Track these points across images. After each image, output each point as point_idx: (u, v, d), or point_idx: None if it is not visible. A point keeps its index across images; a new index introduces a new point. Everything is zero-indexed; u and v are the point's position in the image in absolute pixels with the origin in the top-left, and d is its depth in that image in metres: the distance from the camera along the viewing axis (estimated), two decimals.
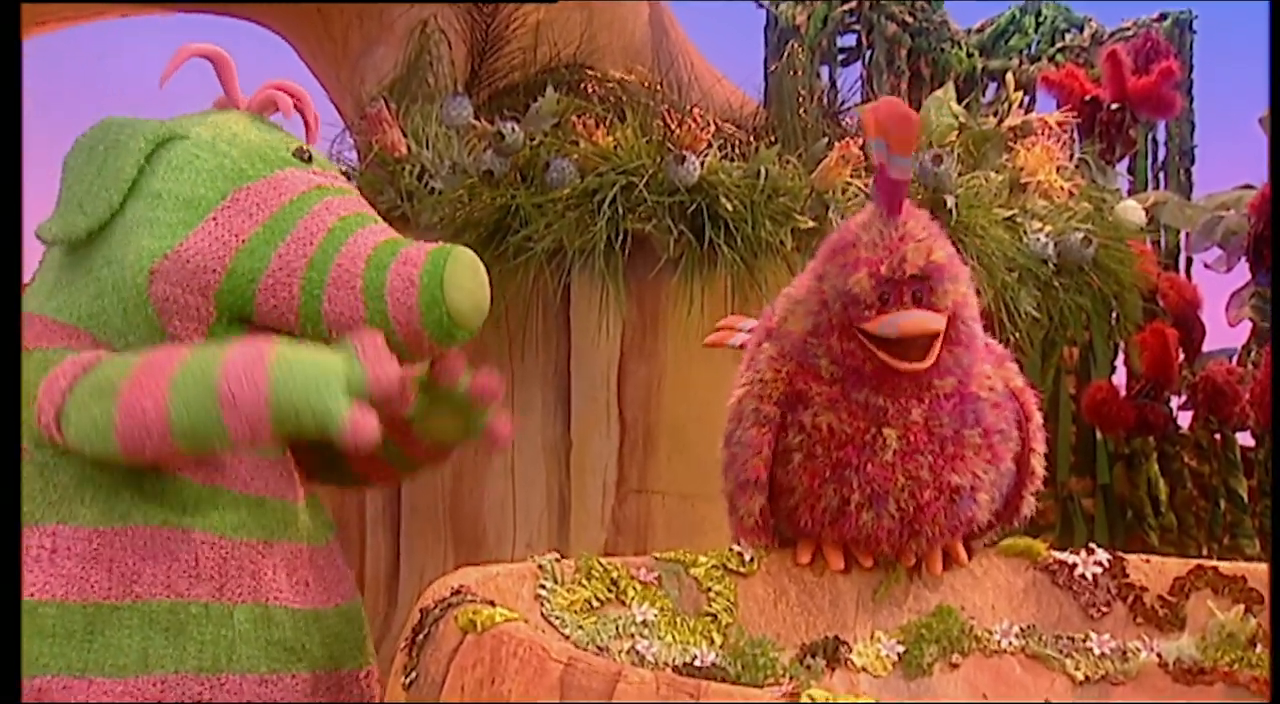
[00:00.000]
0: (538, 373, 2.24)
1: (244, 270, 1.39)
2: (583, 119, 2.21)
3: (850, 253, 1.38)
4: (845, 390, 1.40)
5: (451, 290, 1.39)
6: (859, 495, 1.41)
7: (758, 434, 1.43)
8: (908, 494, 1.41)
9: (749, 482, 1.44)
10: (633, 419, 2.24)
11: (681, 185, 2.11)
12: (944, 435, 1.41)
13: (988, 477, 1.44)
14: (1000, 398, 1.46)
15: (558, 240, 2.13)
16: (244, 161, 1.44)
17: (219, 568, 1.37)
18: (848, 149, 2.14)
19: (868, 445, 1.40)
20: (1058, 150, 2.40)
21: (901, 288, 1.36)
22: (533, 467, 2.23)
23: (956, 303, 1.37)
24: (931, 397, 1.41)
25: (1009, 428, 1.47)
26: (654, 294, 2.22)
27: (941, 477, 1.42)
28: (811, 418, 1.42)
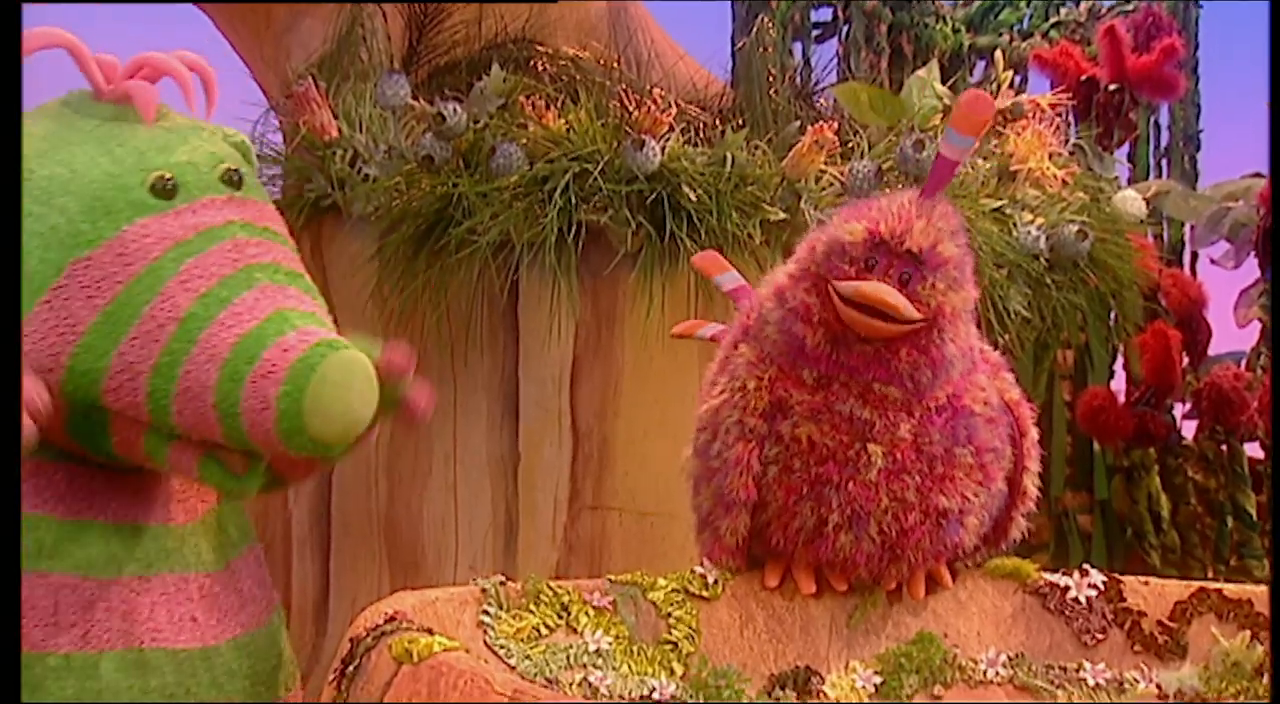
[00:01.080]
0: (482, 378, 2.24)
1: (83, 369, 1.29)
2: (532, 100, 2.21)
3: (863, 210, 1.41)
4: (828, 400, 1.41)
5: (313, 418, 1.27)
6: (838, 516, 1.42)
7: (743, 449, 1.44)
8: (891, 517, 1.42)
9: (736, 501, 1.45)
10: (587, 429, 2.24)
11: (640, 173, 2.12)
12: (933, 454, 1.42)
13: (978, 499, 1.46)
14: (994, 412, 1.47)
15: (504, 233, 2.13)
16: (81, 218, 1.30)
17: (83, 613, 1.32)
18: (822, 133, 2.15)
19: (850, 462, 1.41)
20: (1051, 135, 2.42)
21: (892, 260, 1.38)
22: (477, 481, 2.23)
23: (942, 311, 1.38)
24: (922, 411, 1.42)
25: (1003, 445, 1.48)
26: (610, 292, 2.22)
27: (929, 499, 1.43)
28: (791, 429, 1.43)
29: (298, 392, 1.27)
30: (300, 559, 2.34)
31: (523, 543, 2.22)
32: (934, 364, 1.40)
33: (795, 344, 1.41)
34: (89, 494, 1.35)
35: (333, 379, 1.28)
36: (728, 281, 1.76)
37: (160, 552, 1.38)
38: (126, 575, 1.36)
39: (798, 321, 1.41)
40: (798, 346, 1.41)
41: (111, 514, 1.36)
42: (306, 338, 1.30)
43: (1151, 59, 2.91)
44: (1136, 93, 2.95)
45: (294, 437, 1.28)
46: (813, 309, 1.40)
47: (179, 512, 1.42)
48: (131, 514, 1.37)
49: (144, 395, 1.29)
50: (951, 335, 1.40)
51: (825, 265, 1.39)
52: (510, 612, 1.38)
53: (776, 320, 1.43)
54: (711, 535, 1.49)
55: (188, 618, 1.37)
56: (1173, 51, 2.92)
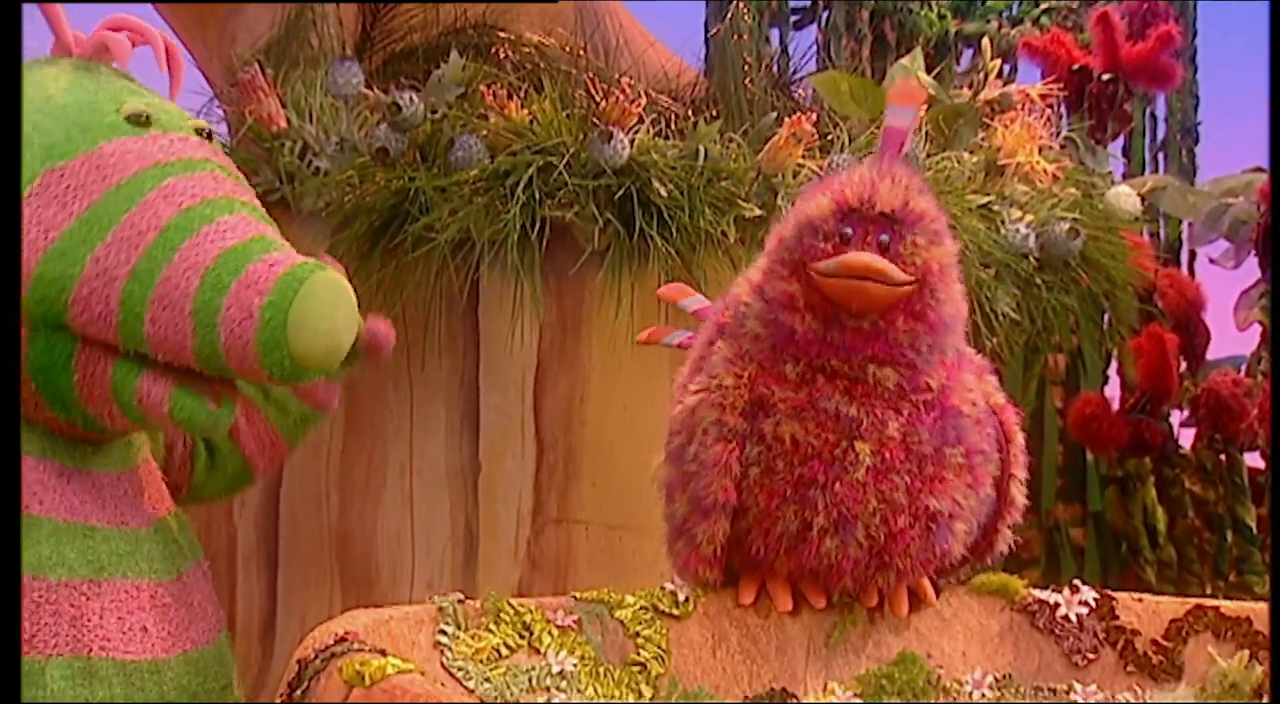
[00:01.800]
0: (440, 384, 2.24)
1: (52, 276, 1.31)
2: (493, 89, 2.21)
3: (822, 186, 1.42)
4: (812, 397, 1.42)
5: (298, 332, 1.29)
6: (824, 519, 1.43)
7: (722, 450, 1.44)
8: (879, 519, 1.43)
9: (715, 505, 1.45)
10: (552, 438, 2.25)
11: (608, 167, 2.12)
12: (923, 453, 1.43)
13: (967, 503, 1.47)
14: (981, 414, 1.49)
15: (464, 230, 2.13)
16: (57, 132, 1.35)
17: (30, 615, 1.32)
18: (800, 125, 2.15)
19: (837, 461, 1.42)
20: (1041, 128, 2.43)
21: (867, 227, 1.39)
22: (434, 493, 2.23)
23: (929, 269, 1.39)
24: (910, 408, 1.43)
25: (990, 449, 1.49)
26: (576, 292, 2.22)
27: (918, 500, 1.43)
28: (773, 427, 1.43)
29: (284, 302, 1.29)
30: (246, 576, 2.34)
31: (483, 559, 2.22)
32: (932, 328, 1.41)
33: (784, 334, 1.42)
34: (39, 489, 1.35)
35: (320, 296, 1.31)
36: (693, 304, 1.78)
37: (112, 555, 1.38)
38: (76, 578, 1.36)
39: (783, 311, 1.42)
40: (786, 336, 1.42)
41: (62, 512, 1.36)
42: (293, 257, 1.33)
43: (1147, 47, 2.93)
44: (1131, 83, 2.97)
45: (272, 351, 1.29)
46: (796, 296, 1.41)
47: (133, 515, 1.42)
48: (83, 513, 1.37)
49: (116, 302, 1.30)
50: (944, 294, 1.42)
51: (799, 249, 1.40)
52: (469, 631, 1.38)
53: (759, 313, 1.44)
54: (687, 544, 1.49)
55: (138, 627, 1.38)
56: (1169, 39, 2.94)
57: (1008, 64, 3.18)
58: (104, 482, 1.40)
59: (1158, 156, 3.41)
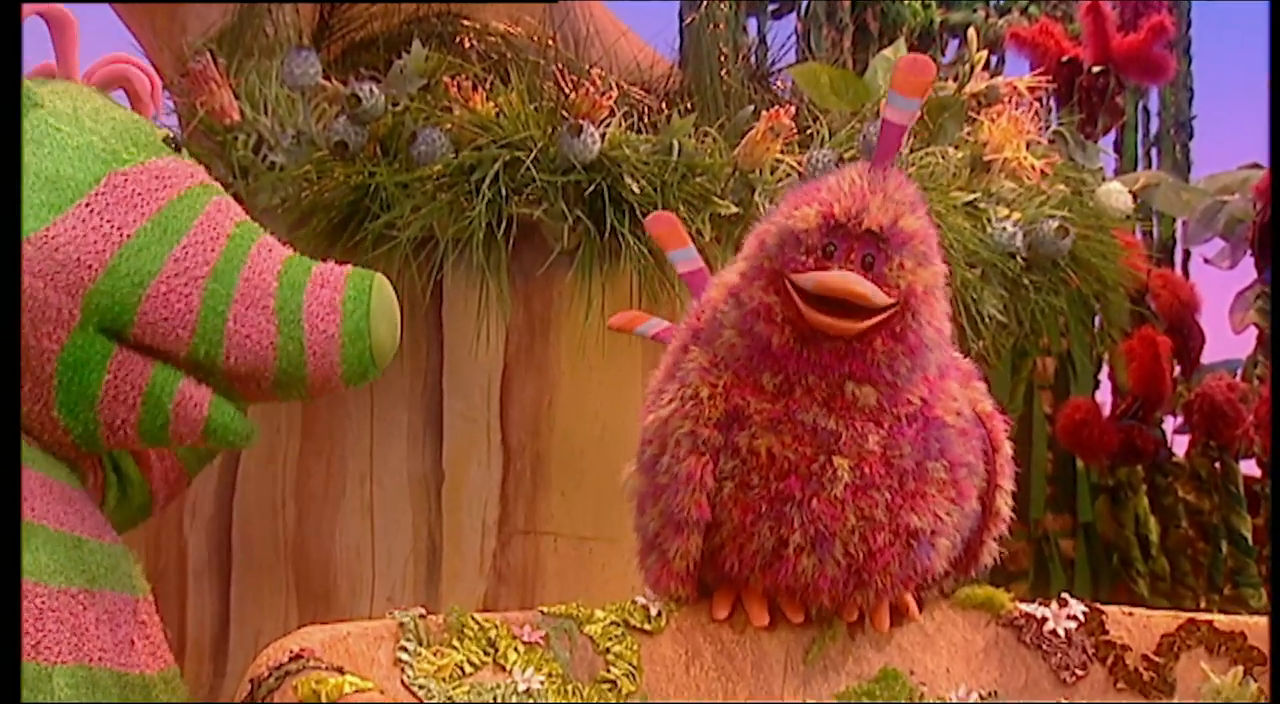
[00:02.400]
0: (402, 389, 2.24)
1: (129, 271, 1.42)
2: (457, 80, 2.21)
3: (810, 193, 1.42)
4: (790, 409, 1.42)
5: (378, 321, 1.50)
6: (800, 536, 1.43)
7: (696, 463, 1.45)
8: (858, 537, 1.43)
9: (687, 521, 1.46)
10: (519, 445, 2.25)
11: (578, 162, 2.13)
12: (904, 468, 1.44)
13: (950, 519, 1.47)
14: (967, 424, 1.49)
15: (426, 227, 2.13)
16: (116, 142, 1.48)
17: (34, 621, 1.37)
18: (778, 119, 2.16)
19: (814, 476, 1.42)
20: (1029, 122, 2.44)
21: (852, 243, 1.39)
22: (396, 504, 2.23)
23: (913, 291, 1.40)
24: (891, 421, 1.43)
25: (976, 460, 1.50)
26: (544, 293, 2.23)
27: (899, 517, 1.44)
28: (749, 440, 1.43)
29: (362, 295, 1.50)
30: (197, 591, 2.33)
31: (447, 572, 2.22)
32: (911, 351, 1.42)
33: (759, 345, 1.42)
34: (30, 496, 1.39)
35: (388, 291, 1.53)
36: (683, 261, 1.76)
37: (100, 567, 1.44)
38: (74, 586, 1.42)
39: (759, 321, 1.42)
40: (762, 348, 1.42)
41: (52, 521, 1.43)
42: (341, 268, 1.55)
43: (1139, 38, 2.94)
44: (1123, 75, 2.98)
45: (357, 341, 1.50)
46: (774, 308, 1.41)
47: (107, 531, 1.50)
48: (71, 524, 1.44)
49: (199, 299, 1.45)
50: (927, 316, 1.42)
51: (779, 258, 1.40)
52: (431, 648, 1.38)
53: (734, 322, 1.44)
54: (658, 560, 1.49)
55: (127, 641, 1.43)
56: (1162, 30, 2.95)
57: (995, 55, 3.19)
58: (78, 497, 1.45)
59: (1150, 152, 3.42)
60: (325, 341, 1.49)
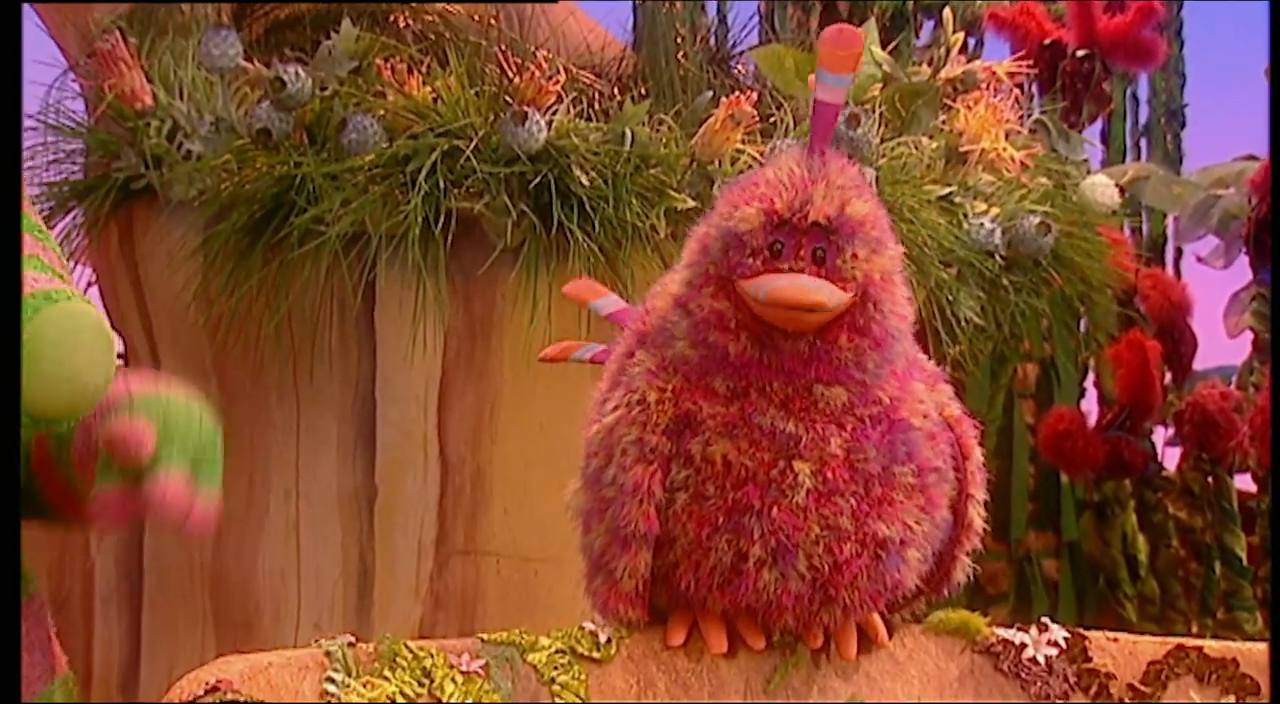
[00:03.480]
0: (331, 398, 2.24)
1: None
2: (391, 63, 2.21)
3: (749, 190, 1.42)
4: (745, 412, 1.43)
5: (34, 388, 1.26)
6: (760, 548, 1.44)
7: (643, 473, 1.45)
8: (823, 548, 1.44)
9: (634, 535, 1.46)
10: (458, 458, 2.25)
11: (522, 152, 2.13)
12: (869, 472, 1.44)
13: (920, 528, 1.48)
14: (935, 428, 1.50)
15: (358, 223, 2.13)
16: None
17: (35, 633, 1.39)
18: (738, 106, 2.17)
19: (774, 483, 1.43)
20: (1009, 110, 2.46)
21: (800, 239, 1.39)
22: (324, 522, 2.23)
23: (870, 280, 1.41)
24: (854, 423, 1.44)
25: (945, 466, 1.51)
26: (486, 294, 2.23)
27: (865, 526, 1.44)
28: (702, 448, 1.44)
29: None
30: (105, 618, 2.33)
31: (379, 595, 2.22)
32: (878, 343, 1.42)
33: (716, 355, 1.43)
34: None
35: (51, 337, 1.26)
36: (606, 306, 1.78)
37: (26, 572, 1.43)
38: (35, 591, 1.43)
39: (712, 330, 1.43)
40: (719, 357, 1.43)
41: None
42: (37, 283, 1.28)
43: (1127, 20, 2.96)
44: (1109, 60, 3.00)
45: None
46: (726, 315, 1.42)
47: None
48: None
49: None
50: (889, 305, 1.42)
51: (725, 264, 1.41)
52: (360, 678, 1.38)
53: (685, 332, 1.45)
54: (605, 580, 1.50)
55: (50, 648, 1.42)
56: (1152, 11, 2.97)
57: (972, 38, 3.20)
58: None
59: (1139, 143, 3.45)
60: None
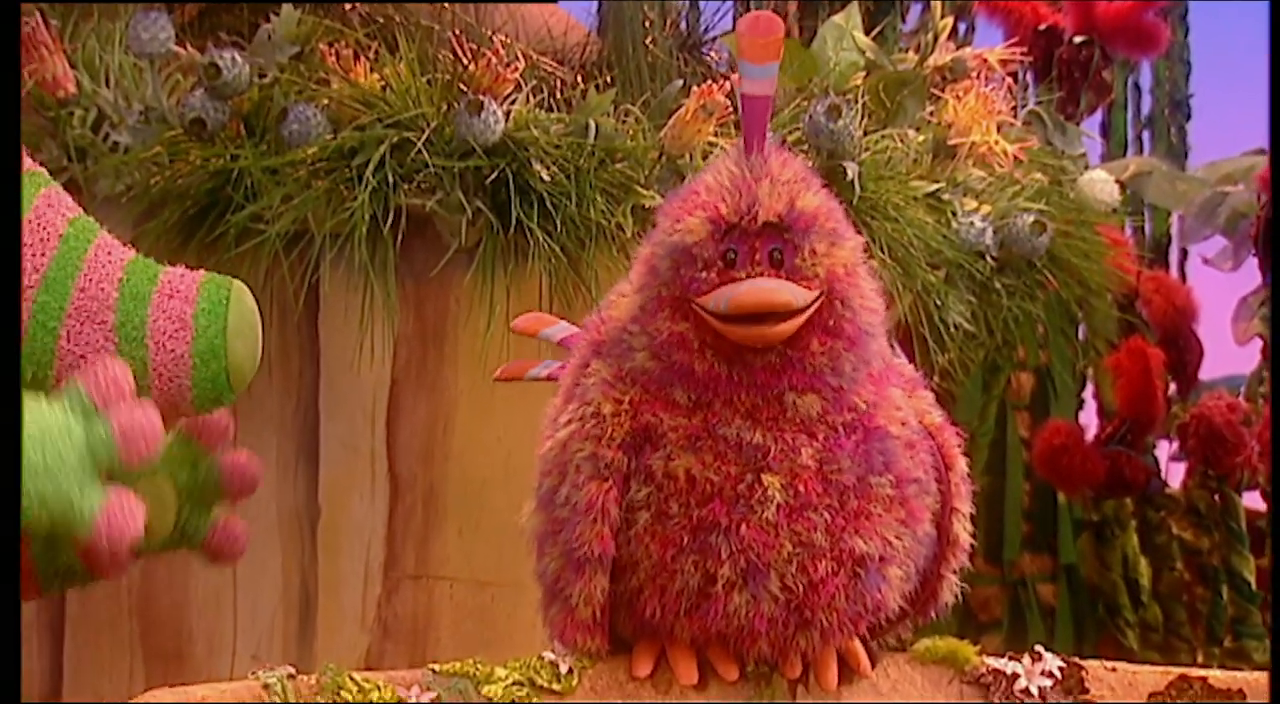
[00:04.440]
0: (271, 411, 2.24)
1: None
2: (336, 48, 2.21)
3: (688, 200, 1.43)
4: (709, 423, 1.43)
5: (235, 339, 1.51)
6: (729, 569, 1.44)
7: (597, 490, 1.45)
8: (797, 567, 1.44)
9: (589, 558, 1.46)
10: (409, 476, 2.25)
11: (478, 144, 2.13)
12: (844, 484, 1.45)
13: (901, 543, 1.49)
14: (914, 436, 1.51)
15: (300, 221, 2.13)
16: None
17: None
18: (710, 96, 2.18)
19: (742, 499, 1.43)
20: (1001, 100, 2.47)
21: (753, 242, 1.40)
22: (263, 544, 2.23)
23: (834, 275, 1.41)
24: (827, 431, 1.44)
25: (926, 477, 1.51)
26: (439, 298, 2.23)
27: (841, 542, 1.45)
28: (664, 463, 1.44)
29: (217, 309, 1.52)
30: (25, 649, 2.32)
31: (323, 624, 2.22)
32: (853, 342, 1.43)
33: (681, 373, 1.44)
34: None
35: (248, 301, 1.54)
36: (557, 333, 1.79)
37: None
38: None
39: (676, 351, 1.43)
40: (685, 375, 1.44)
41: None
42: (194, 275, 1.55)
43: (1128, 4, 2.97)
44: (1109, 46, 3.01)
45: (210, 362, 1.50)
46: (688, 336, 1.43)
47: None
48: None
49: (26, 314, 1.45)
50: (857, 300, 1.43)
51: (677, 283, 1.41)
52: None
53: (646, 346, 1.45)
54: (561, 608, 1.50)
55: None
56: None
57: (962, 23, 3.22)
58: None
59: (1141, 136, 3.47)
60: (172, 362, 1.50)
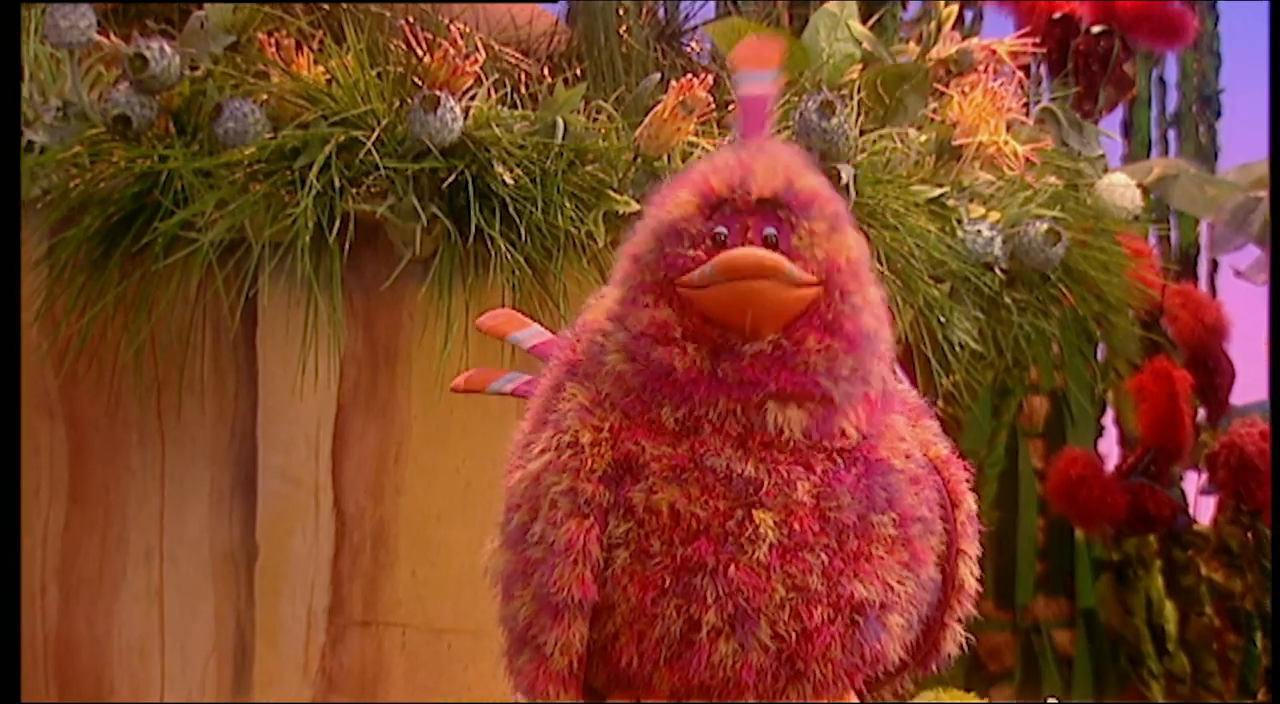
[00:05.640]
0: (203, 438, 2.24)
1: None
2: (276, 38, 2.22)
3: (677, 182, 1.44)
4: (696, 452, 1.44)
5: None
6: (715, 615, 1.44)
7: (578, 528, 1.45)
8: (789, 613, 1.44)
9: (568, 603, 1.46)
10: (356, 511, 2.25)
11: (433, 144, 2.14)
12: (843, 523, 1.45)
13: (904, 588, 1.49)
14: (919, 470, 1.51)
15: (236, 228, 2.13)
16: None
17: None
18: (691, 91, 2.18)
19: (730, 537, 1.43)
20: (1011, 96, 2.48)
21: (745, 220, 1.41)
22: (193, 587, 2.23)
23: (834, 264, 1.42)
24: (825, 463, 1.45)
25: (931, 516, 1.52)
26: (391, 314, 2.24)
27: (839, 586, 1.45)
28: (645, 496, 1.44)
29: None
30: None
31: (259, 674, 2.22)
32: (851, 343, 1.43)
33: (660, 374, 1.44)
34: None
35: None
36: (530, 338, 1.79)
37: None
38: None
39: (655, 345, 1.43)
40: (662, 376, 1.44)
41: None
42: None
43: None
44: (1131, 37, 3.02)
45: None
46: (670, 324, 1.43)
47: None
48: None
49: None
50: (859, 297, 1.43)
51: (662, 264, 1.42)
52: None
53: (622, 346, 1.46)
54: (532, 657, 1.50)
55: None
56: None
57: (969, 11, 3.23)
58: None
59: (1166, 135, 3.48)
60: None
